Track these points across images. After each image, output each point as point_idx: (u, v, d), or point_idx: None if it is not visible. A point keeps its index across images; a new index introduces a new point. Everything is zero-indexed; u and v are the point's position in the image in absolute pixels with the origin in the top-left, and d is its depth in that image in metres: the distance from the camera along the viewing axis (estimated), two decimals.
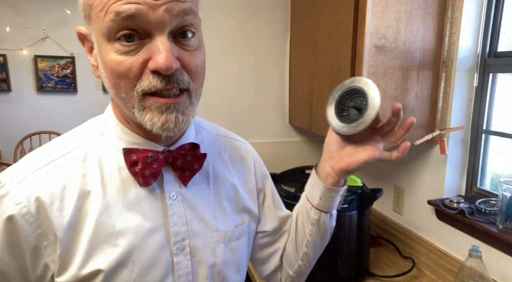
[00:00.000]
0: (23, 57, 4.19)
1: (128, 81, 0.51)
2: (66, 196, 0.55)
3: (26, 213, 0.53)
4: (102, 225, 0.56)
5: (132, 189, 0.59)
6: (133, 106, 0.53)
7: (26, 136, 3.76)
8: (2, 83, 4.15)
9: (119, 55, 0.50)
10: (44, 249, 0.55)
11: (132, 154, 0.58)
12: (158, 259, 0.59)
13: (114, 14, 0.48)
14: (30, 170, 0.56)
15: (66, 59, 4.31)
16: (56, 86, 4.34)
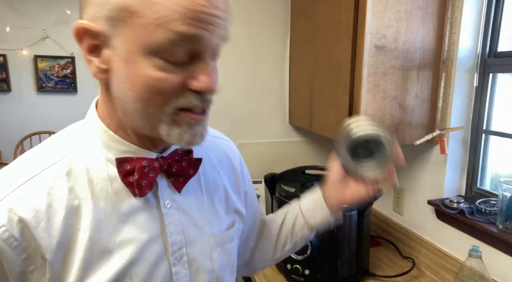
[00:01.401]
0: (23, 57, 4.19)
1: (164, 98, 0.49)
2: (53, 214, 0.50)
3: (8, 237, 0.48)
4: (96, 242, 0.52)
5: (125, 201, 0.55)
6: (160, 121, 0.50)
7: (26, 136, 3.76)
8: (2, 83, 4.15)
9: (158, 71, 0.47)
10: (31, 274, 0.50)
11: (126, 163, 0.54)
12: (156, 271, 0.56)
13: (174, 34, 0.45)
14: (9, 188, 0.50)
15: (66, 59, 4.31)
16: (56, 86, 4.34)
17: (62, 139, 0.58)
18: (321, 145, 1.97)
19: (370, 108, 1.20)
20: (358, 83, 1.20)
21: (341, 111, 1.30)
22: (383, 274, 1.34)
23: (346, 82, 1.25)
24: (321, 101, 1.49)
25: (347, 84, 1.25)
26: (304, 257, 1.24)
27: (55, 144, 0.57)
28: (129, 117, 0.53)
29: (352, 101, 1.24)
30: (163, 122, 0.51)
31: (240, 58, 1.78)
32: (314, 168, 1.41)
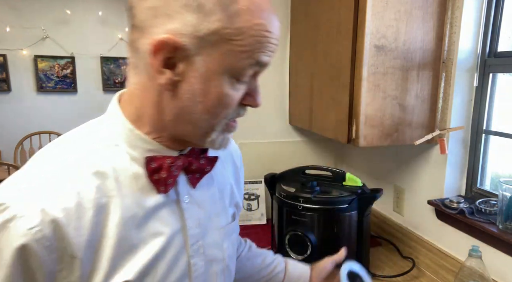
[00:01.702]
0: (23, 57, 4.19)
1: (227, 111, 0.55)
2: (82, 213, 0.51)
3: (41, 238, 0.48)
4: (124, 238, 0.54)
5: (150, 197, 0.57)
6: (213, 130, 0.56)
7: (26, 136, 3.76)
8: (2, 83, 4.15)
9: (231, 90, 0.53)
10: (59, 273, 0.50)
11: (152, 162, 0.56)
12: (177, 263, 0.59)
13: (254, 61, 0.52)
14: (39, 189, 0.50)
15: (66, 59, 4.31)
16: (56, 86, 4.34)
17: (85, 138, 0.58)
18: (321, 145, 1.97)
19: (370, 108, 1.20)
20: (358, 83, 1.21)
21: (341, 111, 1.30)
22: (383, 274, 1.34)
23: (346, 82, 1.25)
24: (321, 101, 1.49)
25: (347, 84, 1.25)
26: (304, 257, 1.24)
27: (78, 143, 0.57)
28: (182, 123, 0.56)
29: (352, 101, 1.24)
30: (216, 131, 0.57)
31: None
32: (314, 168, 1.41)
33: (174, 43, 0.49)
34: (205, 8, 0.48)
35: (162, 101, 0.54)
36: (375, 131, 1.22)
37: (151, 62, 0.51)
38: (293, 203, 1.26)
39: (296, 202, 1.25)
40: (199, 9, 0.48)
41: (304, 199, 1.23)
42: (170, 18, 0.49)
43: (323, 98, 1.46)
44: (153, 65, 0.51)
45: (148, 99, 0.55)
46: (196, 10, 0.48)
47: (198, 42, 0.49)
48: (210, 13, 0.48)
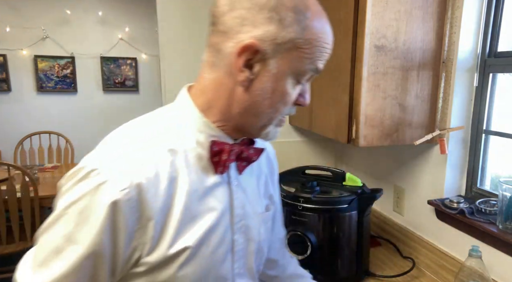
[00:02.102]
0: (23, 57, 4.19)
1: (285, 107, 0.66)
2: (159, 182, 0.60)
3: (129, 199, 0.57)
4: (188, 208, 0.63)
5: (209, 176, 0.67)
6: (271, 123, 0.67)
7: (26, 136, 3.76)
8: (2, 83, 4.15)
9: (292, 89, 0.64)
10: (137, 232, 0.59)
11: (214, 146, 0.66)
12: (225, 237, 0.68)
13: (315, 67, 0.64)
14: (127, 159, 0.59)
15: (66, 59, 4.31)
16: (56, 86, 4.34)
17: (159, 121, 0.68)
18: (321, 145, 1.97)
19: (370, 108, 1.20)
20: (358, 83, 1.21)
21: (341, 111, 1.30)
22: (383, 274, 1.34)
23: (346, 82, 1.25)
24: (321, 101, 1.49)
25: (347, 84, 1.25)
26: (304, 257, 1.24)
27: (154, 124, 0.68)
28: (248, 115, 0.65)
29: (352, 101, 1.24)
30: (272, 124, 0.67)
31: None
32: (314, 168, 1.41)
33: (256, 47, 0.59)
34: (284, 22, 0.59)
35: (235, 95, 0.64)
36: (375, 131, 1.22)
37: (234, 62, 0.60)
38: (293, 203, 1.26)
39: (296, 202, 1.25)
40: (279, 22, 0.59)
41: (304, 199, 1.24)
42: (254, 27, 0.59)
43: (323, 98, 1.46)
44: (236, 65, 0.60)
45: (222, 93, 0.64)
46: (277, 23, 0.59)
47: (274, 47, 0.60)
48: (288, 26, 0.59)
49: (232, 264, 0.71)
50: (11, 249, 2.37)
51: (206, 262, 0.66)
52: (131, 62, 4.56)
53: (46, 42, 4.23)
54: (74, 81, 4.39)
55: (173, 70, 1.79)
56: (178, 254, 0.62)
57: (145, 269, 0.61)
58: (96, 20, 4.36)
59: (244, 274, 0.74)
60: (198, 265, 0.65)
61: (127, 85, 4.60)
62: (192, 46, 1.79)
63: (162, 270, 0.62)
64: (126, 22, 4.45)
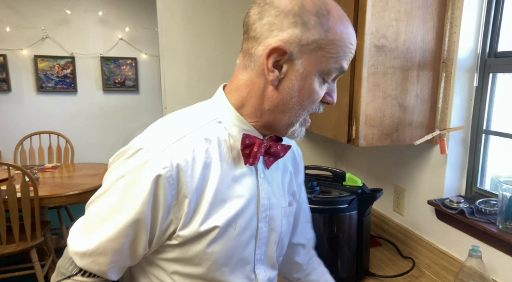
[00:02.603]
0: (23, 57, 4.19)
1: (312, 105, 0.71)
2: (195, 165, 0.68)
3: (169, 176, 0.65)
4: (219, 192, 0.70)
5: (239, 166, 0.73)
6: (297, 121, 0.72)
7: (26, 136, 3.76)
8: (2, 83, 4.15)
9: (319, 88, 0.69)
10: (174, 207, 0.67)
11: (246, 138, 0.71)
12: (250, 223, 0.74)
13: (339, 66, 0.68)
14: (169, 142, 0.68)
15: (66, 59, 4.31)
16: (56, 86, 4.34)
17: (199, 113, 0.76)
18: (321, 144, 1.97)
19: (370, 108, 1.20)
20: (358, 83, 1.21)
21: (341, 111, 1.30)
22: (383, 274, 1.34)
23: (346, 82, 1.26)
24: None
25: (347, 84, 1.25)
26: None
27: (196, 116, 0.75)
28: (278, 113, 0.71)
29: (352, 101, 1.25)
30: (298, 122, 0.72)
31: None
32: (314, 168, 1.41)
33: (283, 49, 0.65)
34: (308, 25, 0.64)
35: (266, 93, 0.70)
36: (375, 131, 1.22)
37: (265, 63, 0.66)
38: None
39: None
40: (303, 25, 0.64)
41: None
42: (281, 31, 0.65)
43: None
44: (266, 65, 0.66)
45: (254, 92, 0.70)
46: (301, 26, 0.64)
47: (300, 49, 0.65)
48: (311, 28, 0.64)
49: (255, 249, 0.78)
50: (11, 249, 2.36)
51: (232, 243, 0.72)
52: (131, 62, 4.57)
53: (46, 42, 4.24)
54: (74, 81, 4.40)
55: (173, 70, 1.79)
56: (208, 232, 0.69)
57: (178, 242, 0.69)
58: (96, 20, 4.36)
59: (264, 260, 0.81)
60: (225, 244, 0.71)
61: (127, 85, 4.60)
62: (192, 46, 1.79)
63: (193, 245, 0.69)
64: (126, 22, 4.45)
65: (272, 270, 0.84)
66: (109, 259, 0.69)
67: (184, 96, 1.85)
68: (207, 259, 0.71)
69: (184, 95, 1.85)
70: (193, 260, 0.71)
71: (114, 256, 0.69)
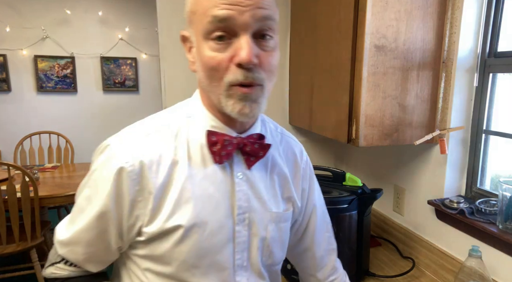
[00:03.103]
0: (23, 57, 4.19)
1: (218, 73, 0.64)
2: (161, 162, 0.68)
3: (131, 171, 0.66)
4: (185, 190, 0.69)
5: (209, 164, 0.71)
6: (221, 94, 0.65)
7: (26, 136, 3.76)
8: (2, 83, 4.15)
9: (213, 52, 0.63)
10: (139, 203, 0.68)
11: (213, 135, 0.70)
12: (224, 225, 0.72)
13: (211, 17, 0.61)
14: (136, 137, 0.70)
15: (66, 59, 4.31)
16: (56, 86, 4.34)
17: (174, 111, 0.76)
18: (321, 144, 1.97)
19: (370, 108, 1.20)
20: (358, 83, 1.21)
21: (341, 111, 1.30)
22: (383, 274, 1.34)
23: (346, 82, 1.25)
24: (321, 101, 1.49)
25: (347, 84, 1.25)
26: None
27: (168, 114, 0.76)
28: (208, 95, 0.70)
29: (352, 101, 1.24)
30: (222, 96, 0.65)
31: None
32: (314, 168, 1.40)
33: (183, 34, 0.71)
34: (185, 2, 0.68)
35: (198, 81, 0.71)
36: (375, 131, 1.22)
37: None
38: None
39: None
40: (185, 5, 0.68)
41: None
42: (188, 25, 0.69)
43: (323, 98, 1.46)
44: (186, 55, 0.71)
45: (199, 84, 0.72)
46: (185, 6, 0.69)
47: (188, 25, 0.68)
48: (187, 3, 0.68)
49: (234, 255, 0.74)
50: (11, 249, 2.36)
51: (202, 245, 0.70)
52: (131, 62, 4.56)
53: (46, 42, 4.23)
54: (74, 81, 4.39)
55: (173, 70, 1.79)
56: (173, 230, 0.68)
57: (146, 239, 0.69)
58: (96, 20, 4.36)
59: (247, 267, 0.77)
60: (194, 245, 0.69)
61: (127, 85, 4.60)
62: None
63: (160, 243, 0.69)
64: (126, 22, 4.45)
65: (258, 278, 0.79)
66: (83, 249, 0.72)
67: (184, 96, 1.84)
68: (175, 258, 0.70)
69: (184, 95, 1.85)
70: (162, 259, 0.70)
71: (87, 247, 0.72)
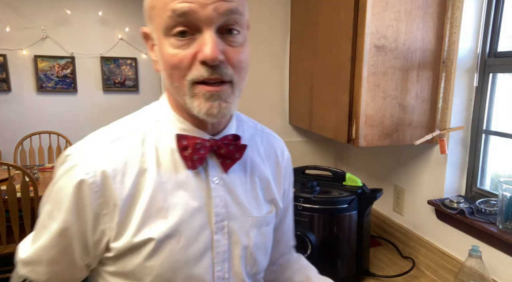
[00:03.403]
0: (23, 57, 4.19)
1: (180, 72, 0.59)
2: (127, 171, 0.63)
3: (92, 183, 0.61)
4: (155, 199, 0.64)
5: (182, 170, 0.66)
6: (185, 94, 0.60)
7: (26, 136, 3.75)
8: (2, 83, 4.14)
9: (174, 49, 0.58)
10: (104, 217, 0.62)
11: (183, 139, 0.65)
12: (200, 234, 0.66)
13: (171, 12, 0.56)
14: (97, 146, 0.64)
15: (66, 59, 4.31)
16: (56, 86, 4.34)
17: (141, 115, 0.71)
18: (321, 145, 1.97)
19: (370, 108, 1.20)
20: (358, 83, 1.21)
21: (341, 111, 1.30)
22: (383, 274, 1.34)
23: (346, 82, 1.25)
24: (321, 101, 1.49)
25: (347, 84, 1.25)
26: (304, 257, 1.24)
27: (134, 119, 0.70)
28: (173, 95, 0.65)
29: (352, 101, 1.24)
30: (187, 96, 0.60)
31: None
32: (314, 168, 1.41)
33: (144, 31, 0.65)
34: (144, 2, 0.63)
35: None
36: (375, 131, 1.22)
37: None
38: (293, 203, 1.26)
39: (296, 202, 1.25)
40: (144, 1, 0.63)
41: (304, 199, 1.24)
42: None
43: (323, 98, 1.46)
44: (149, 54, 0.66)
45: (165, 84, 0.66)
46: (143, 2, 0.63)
47: (149, 21, 0.63)
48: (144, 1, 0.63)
49: (213, 266, 0.68)
50: (11, 249, 2.36)
51: (176, 258, 0.65)
52: (131, 62, 4.56)
53: (46, 42, 4.23)
54: (74, 81, 4.39)
55: None
56: (143, 244, 0.63)
57: (114, 254, 0.64)
58: (96, 20, 4.35)
59: (230, 279, 0.71)
60: (167, 258, 0.64)
61: (127, 85, 4.60)
62: None
63: (130, 258, 0.64)
64: (126, 22, 4.45)
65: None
66: (45, 269, 0.66)
67: None
68: (147, 273, 0.64)
69: None
70: (133, 275, 0.64)
71: (50, 266, 0.66)
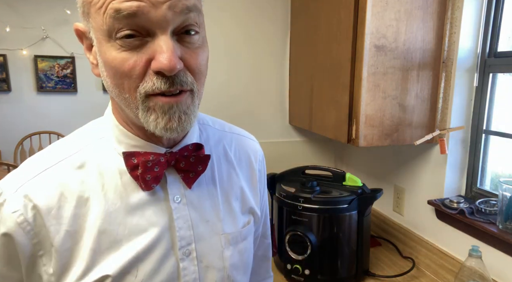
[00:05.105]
0: (23, 57, 4.19)
1: (131, 81, 0.48)
2: (63, 203, 0.53)
3: (23, 221, 0.51)
4: (105, 233, 0.54)
5: (134, 194, 0.56)
6: (137, 108, 0.50)
7: (26, 136, 3.76)
8: (2, 83, 4.14)
9: (122, 52, 0.47)
10: (40, 258, 0.53)
11: (133, 157, 0.55)
12: (163, 265, 0.57)
13: (114, 11, 0.45)
14: (26, 177, 0.54)
15: (66, 59, 4.31)
16: (56, 86, 4.34)
17: (80, 134, 0.60)
18: (321, 145, 1.97)
19: (370, 108, 1.20)
20: (358, 83, 1.21)
21: (341, 111, 1.30)
22: (383, 274, 1.34)
23: (346, 82, 1.25)
24: (321, 101, 1.49)
25: (347, 84, 1.25)
26: (304, 257, 1.24)
27: (72, 138, 0.60)
28: (120, 108, 0.55)
29: (352, 101, 1.24)
30: (140, 110, 0.50)
31: (240, 58, 1.78)
32: (314, 168, 1.41)
33: (77, 28, 0.54)
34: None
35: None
36: (375, 131, 1.22)
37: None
38: (293, 203, 1.26)
39: (296, 202, 1.25)
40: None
41: (304, 199, 1.24)
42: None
43: (323, 98, 1.46)
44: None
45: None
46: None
47: (85, 17, 0.51)
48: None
49: None
50: None
51: None
52: None
53: (46, 42, 4.23)
54: (74, 81, 4.39)
55: None
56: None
57: None
58: None
59: None
60: None
61: None
62: None
63: None
64: None
65: None
66: None
67: None
68: None
69: None
70: None
71: None
